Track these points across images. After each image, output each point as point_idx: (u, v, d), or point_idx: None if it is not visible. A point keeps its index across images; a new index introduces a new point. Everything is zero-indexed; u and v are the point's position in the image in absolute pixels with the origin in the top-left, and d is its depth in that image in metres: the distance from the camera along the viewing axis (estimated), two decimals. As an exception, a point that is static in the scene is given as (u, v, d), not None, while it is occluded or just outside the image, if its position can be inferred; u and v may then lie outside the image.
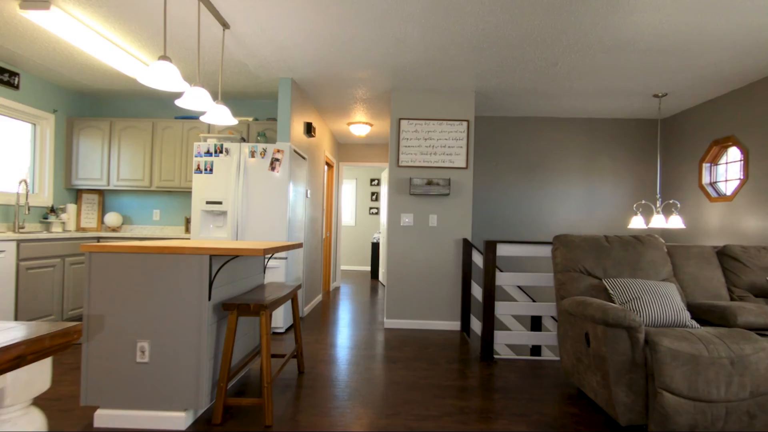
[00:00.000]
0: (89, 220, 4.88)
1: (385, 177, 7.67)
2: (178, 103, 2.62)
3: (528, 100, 4.70)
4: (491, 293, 3.33)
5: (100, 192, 4.93)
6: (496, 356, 3.40)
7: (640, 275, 2.80)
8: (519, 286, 4.04)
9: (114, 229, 4.86)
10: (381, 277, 7.83)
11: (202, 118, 2.93)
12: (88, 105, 5.00)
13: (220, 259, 2.31)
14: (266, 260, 3.15)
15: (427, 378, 2.94)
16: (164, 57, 2.36)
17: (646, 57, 3.46)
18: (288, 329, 4.23)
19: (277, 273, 4.03)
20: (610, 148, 5.26)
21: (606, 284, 2.70)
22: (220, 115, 2.94)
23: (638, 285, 2.58)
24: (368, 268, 9.67)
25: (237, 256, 2.36)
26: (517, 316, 5.13)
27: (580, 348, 2.52)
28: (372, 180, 9.69)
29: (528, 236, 5.29)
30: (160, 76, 2.31)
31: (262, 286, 2.87)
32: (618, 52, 3.39)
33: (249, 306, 2.24)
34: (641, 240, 2.93)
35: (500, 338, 3.38)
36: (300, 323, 3.51)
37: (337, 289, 6.96)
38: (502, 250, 3.39)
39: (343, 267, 9.73)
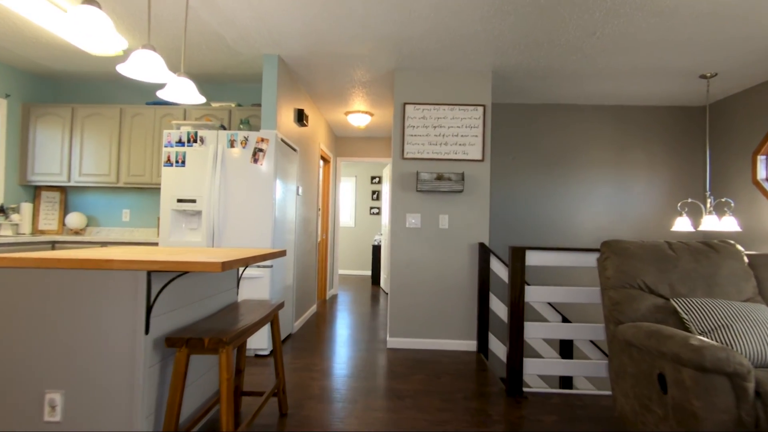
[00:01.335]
0: (49, 221, 4.26)
1: (387, 173, 7.05)
2: (120, 68, 2.00)
3: (552, 84, 4.08)
4: (519, 312, 2.71)
5: (63, 189, 4.32)
6: (525, 389, 2.77)
7: (717, 293, 2.18)
8: (549, 303, 3.42)
9: (77, 232, 4.24)
10: (383, 283, 7.21)
11: (158, 93, 2.32)
12: (46, 89, 4.38)
13: (164, 276, 1.69)
14: (240, 272, 2.54)
15: (442, 423, 2.32)
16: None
17: (701, 24, 2.83)
18: (273, 351, 3.60)
19: (260, 285, 3.41)
20: (643, 140, 4.63)
21: (676, 306, 2.08)
22: (180, 90, 2.32)
23: (724, 308, 1.96)
24: (369, 273, 9.05)
25: (185, 273, 1.74)
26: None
27: (649, 392, 1.89)
28: (373, 177, 9.07)
29: (548, 240, 4.67)
30: (92, 30, 1.69)
31: (234, 307, 2.25)
32: (670, 17, 2.77)
33: (202, 341, 1.62)
34: (714, 247, 2.31)
35: (530, 367, 2.76)
36: (282, 351, 2.86)
37: (334, 297, 6.34)
38: (532, 258, 2.76)
39: (342, 271, 9.11)
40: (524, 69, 3.73)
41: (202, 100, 2.46)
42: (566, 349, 3.46)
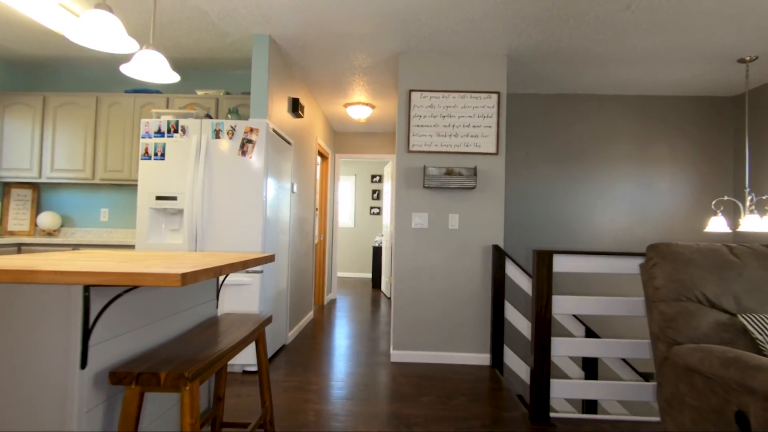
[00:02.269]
0: (20, 221, 3.88)
1: (388, 171, 6.68)
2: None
3: (571, 70, 3.71)
4: (545, 326, 2.34)
5: (35, 186, 3.94)
6: (552, 415, 2.40)
7: (793, 307, 1.81)
8: (575, 315, 3.05)
9: (50, 233, 3.86)
10: (384, 286, 6.84)
11: (122, 68, 1.95)
12: (14, 76, 4.00)
13: (109, 292, 1.31)
14: (221, 280, 2.17)
15: (460, 460, 1.94)
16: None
17: (760, -7, 2.47)
18: (265, 364, 3.23)
19: (248, 293, 3.03)
20: (667, 133, 4.26)
21: (746, 323, 1.71)
22: (147, 65, 1.95)
23: (813, 327, 1.59)
24: (369, 275, 8.67)
25: (135, 287, 1.36)
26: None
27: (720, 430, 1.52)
28: (373, 176, 8.69)
29: (564, 242, 4.30)
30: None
31: (210, 324, 1.88)
32: (721, -14, 2.41)
33: (158, 376, 1.25)
34: (783, 251, 1.94)
35: (557, 389, 2.38)
36: (268, 375, 2.48)
37: (332, 302, 5.96)
38: (560, 263, 2.39)
39: (341, 274, 8.73)
40: (543, 52, 3.36)
41: (175, 77, 2.09)
42: (590, 366, 3.09)
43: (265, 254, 1.97)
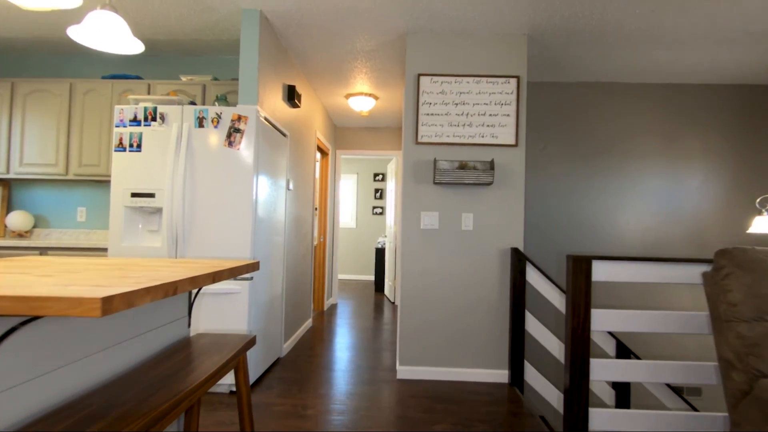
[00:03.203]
0: (-12, 221, 3.53)
1: (392, 169, 6.31)
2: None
3: (598, 53, 3.33)
4: (583, 345, 1.96)
5: (5, 183, 3.59)
6: (591, 452, 2.02)
7: None
8: (610, 332, 2.67)
9: (21, 234, 3.51)
10: (387, 290, 6.47)
11: (69, 31, 1.59)
12: (-12, 63, 3.65)
13: (5, 322, 0.95)
14: (193, 295, 1.80)
15: None
16: None
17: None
18: (257, 381, 2.87)
19: (235, 303, 2.67)
20: (699, 125, 3.88)
21: None
22: (100, 29, 1.58)
23: None
24: (371, 278, 8.30)
25: (33, 318, 0.99)
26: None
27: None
28: (376, 175, 8.32)
29: (585, 244, 3.92)
30: None
31: (178, 350, 1.51)
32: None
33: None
34: None
35: (597, 420, 2.01)
36: (250, 412, 2.09)
37: (333, 308, 5.59)
38: (600, 271, 2.02)
39: (342, 276, 8.37)
40: (568, 31, 2.99)
41: (138, 46, 1.73)
42: (623, 393, 2.71)
43: (245, 262, 1.60)
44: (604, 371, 2.00)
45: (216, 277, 1.29)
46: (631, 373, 1.99)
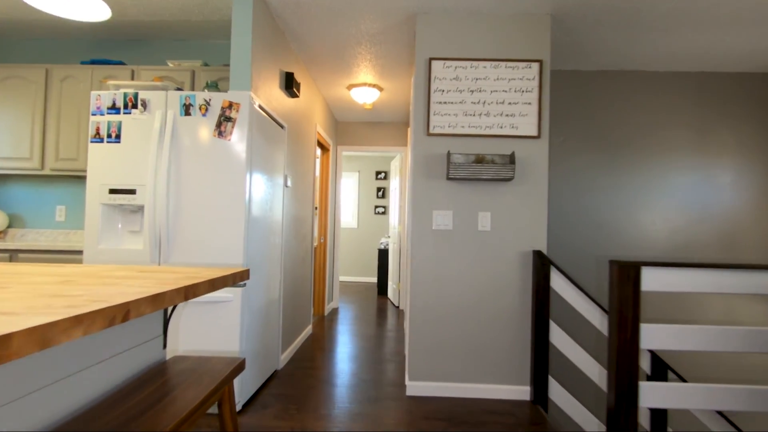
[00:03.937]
0: (-42, 220, 3.23)
1: (396, 167, 6.02)
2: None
3: (625, 37, 3.04)
4: (632, 365, 1.67)
5: (-23, 179, 3.29)
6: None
7: None
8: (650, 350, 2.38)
9: (-7, 235, 3.21)
10: (391, 293, 6.17)
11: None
12: (-40, 49, 3.35)
13: None
14: (169, 311, 1.51)
15: None
16: None
17: None
18: (249, 403, 2.57)
19: (226, 313, 2.37)
20: (732, 117, 3.59)
21: None
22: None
23: None
24: (374, 280, 8.00)
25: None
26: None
27: None
28: (378, 173, 8.03)
29: (607, 245, 3.63)
30: None
31: (148, 379, 1.22)
32: None
33: None
34: None
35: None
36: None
37: (334, 312, 5.29)
38: (650, 279, 1.72)
39: (343, 278, 8.07)
40: (596, 10, 2.69)
41: (104, 11, 1.43)
42: (659, 419, 2.41)
43: (232, 270, 1.31)
44: (657, 395, 1.70)
45: (189, 293, 0.99)
46: (691, 400, 1.69)
